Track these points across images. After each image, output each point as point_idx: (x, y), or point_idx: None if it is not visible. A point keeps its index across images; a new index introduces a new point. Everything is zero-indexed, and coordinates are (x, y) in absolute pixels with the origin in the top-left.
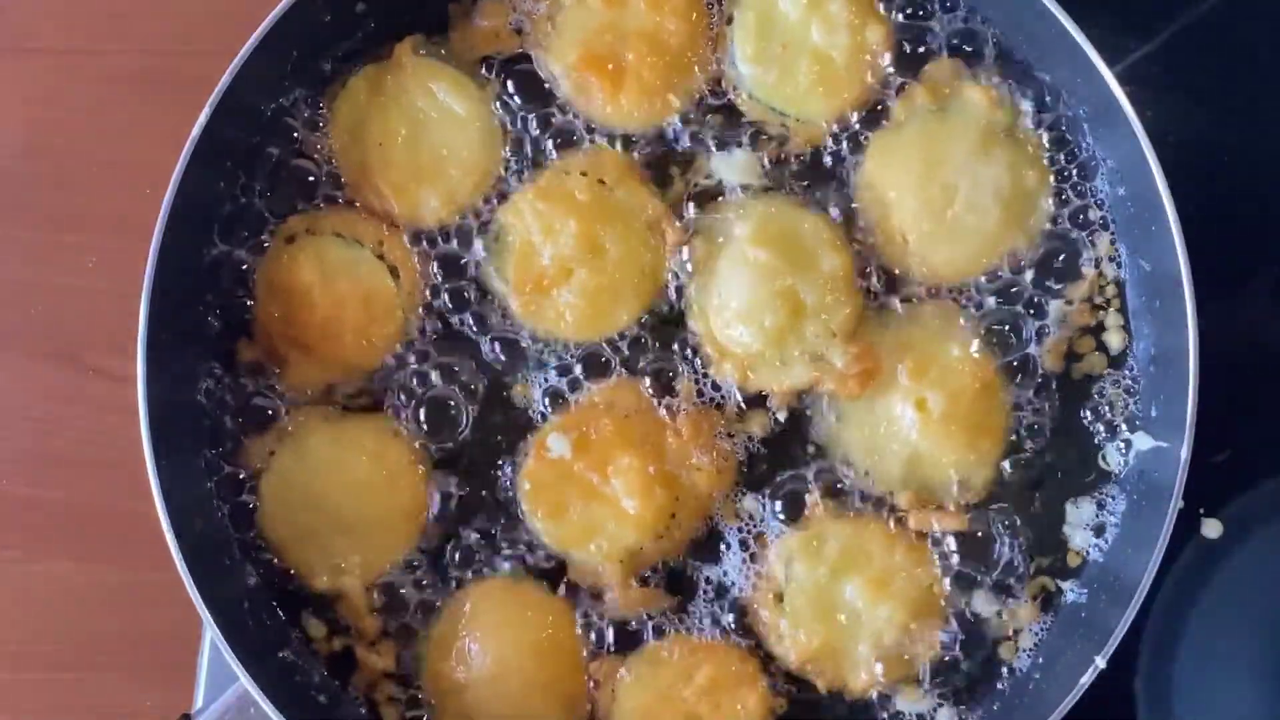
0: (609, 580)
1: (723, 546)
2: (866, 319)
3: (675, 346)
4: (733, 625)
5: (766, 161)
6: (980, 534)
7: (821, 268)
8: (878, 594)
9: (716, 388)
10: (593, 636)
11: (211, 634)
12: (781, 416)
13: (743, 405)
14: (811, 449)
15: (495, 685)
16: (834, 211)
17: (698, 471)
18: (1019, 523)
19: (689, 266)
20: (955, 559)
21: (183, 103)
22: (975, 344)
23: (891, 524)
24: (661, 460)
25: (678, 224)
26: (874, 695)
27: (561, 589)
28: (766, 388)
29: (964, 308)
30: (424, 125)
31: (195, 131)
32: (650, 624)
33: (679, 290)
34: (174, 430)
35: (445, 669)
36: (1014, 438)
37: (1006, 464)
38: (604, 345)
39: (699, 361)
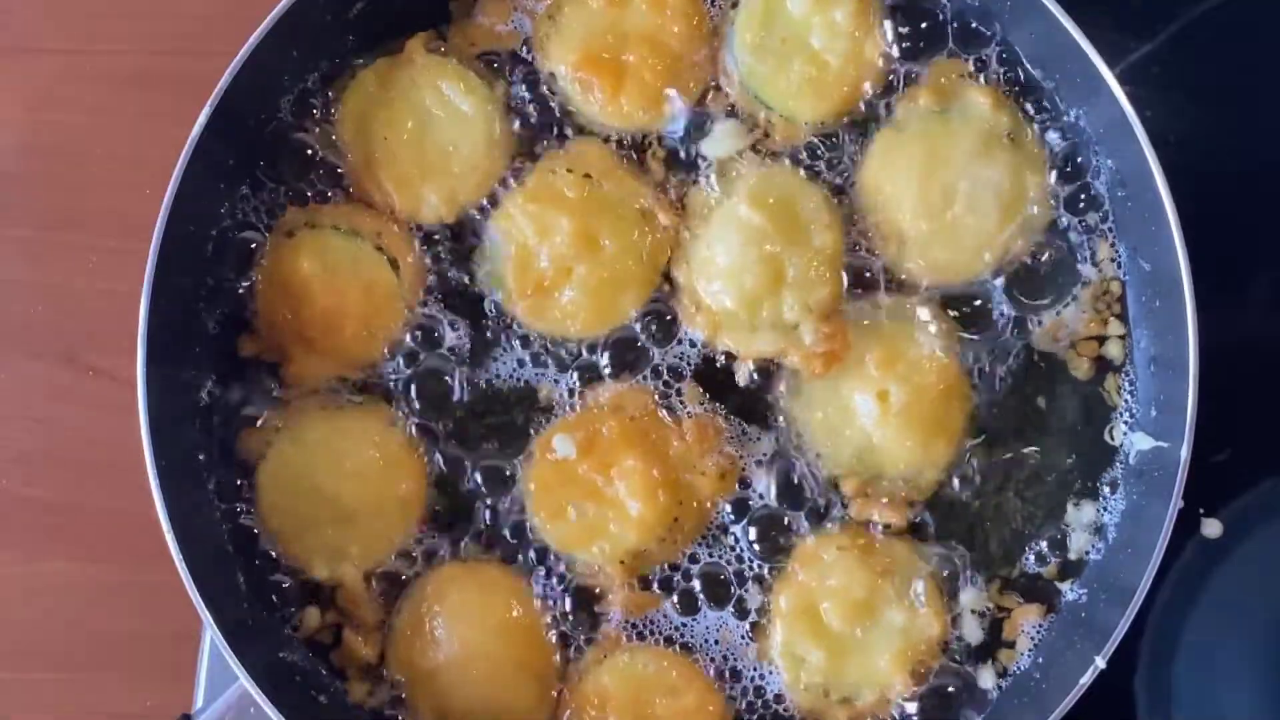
0: (610, 582)
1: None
2: (845, 305)
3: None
4: (728, 679)
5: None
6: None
7: (812, 242)
8: (858, 609)
9: (680, 359)
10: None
11: (211, 634)
12: (742, 380)
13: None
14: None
15: (464, 668)
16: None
17: (701, 476)
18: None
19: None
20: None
21: (183, 103)
22: (945, 346)
23: (810, 542)
24: (666, 464)
25: (670, 205)
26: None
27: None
28: (733, 349)
29: (954, 308)
30: (430, 122)
31: (195, 131)
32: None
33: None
34: (174, 429)
35: (412, 655)
36: (1011, 436)
37: (974, 463)
38: (606, 342)
39: (684, 328)
